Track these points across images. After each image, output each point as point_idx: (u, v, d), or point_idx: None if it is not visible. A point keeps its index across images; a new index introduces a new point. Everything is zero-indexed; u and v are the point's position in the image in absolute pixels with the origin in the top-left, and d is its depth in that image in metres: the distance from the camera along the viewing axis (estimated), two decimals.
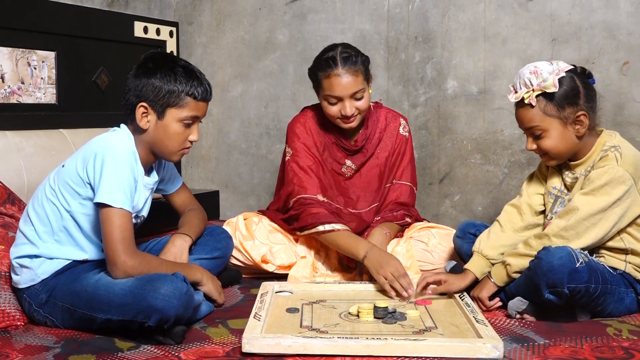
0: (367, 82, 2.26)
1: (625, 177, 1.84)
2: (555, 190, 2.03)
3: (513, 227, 2.05)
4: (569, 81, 1.89)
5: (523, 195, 2.09)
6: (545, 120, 1.89)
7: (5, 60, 2.49)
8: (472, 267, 2.02)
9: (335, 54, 2.23)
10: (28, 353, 1.61)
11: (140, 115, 1.85)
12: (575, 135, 1.91)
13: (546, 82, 1.87)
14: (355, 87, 2.21)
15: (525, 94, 1.90)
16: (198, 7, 3.51)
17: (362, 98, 2.24)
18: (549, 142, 1.91)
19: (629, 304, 1.89)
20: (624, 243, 1.90)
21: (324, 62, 2.24)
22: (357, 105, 2.24)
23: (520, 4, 2.91)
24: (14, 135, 2.41)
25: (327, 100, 2.25)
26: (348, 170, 2.41)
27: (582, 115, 1.89)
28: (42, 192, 1.88)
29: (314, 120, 2.40)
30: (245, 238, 2.33)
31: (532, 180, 2.11)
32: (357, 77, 2.21)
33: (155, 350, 1.63)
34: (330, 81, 2.21)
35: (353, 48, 2.28)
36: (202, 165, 3.60)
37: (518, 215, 2.06)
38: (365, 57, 2.28)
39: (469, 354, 1.57)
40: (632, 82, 2.76)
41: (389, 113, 2.46)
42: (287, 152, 2.40)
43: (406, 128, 2.47)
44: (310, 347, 1.58)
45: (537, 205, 2.06)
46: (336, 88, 2.20)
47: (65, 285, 1.78)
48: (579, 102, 1.89)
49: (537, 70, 1.89)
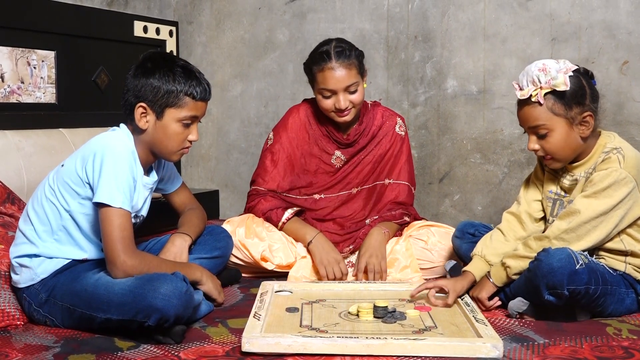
0: (361, 76, 2.30)
1: (628, 179, 1.82)
2: (552, 194, 2.00)
3: (515, 236, 2.02)
4: (576, 81, 1.84)
5: (521, 203, 2.05)
6: (552, 119, 1.85)
7: (5, 60, 2.49)
8: (472, 269, 1.99)
9: (329, 48, 2.27)
10: (28, 352, 1.61)
11: (139, 116, 1.85)
12: (580, 136, 1.88)
13: (556, 80, 1.82)
14: (349, 81, 2.25)
15: (533, 91, 1.85)
16: (198, 6, 3.51)
17: (356, 92, 2.28)
18: (554, 142, 1.87)
19: (629, 305, 1.89)
20: (624, 245, 1.89)
21: (318, 56, 2.28)
22: (351, 98, 2.27)
23: (520, 4, 2.91)
24: (14, 135, 2.41)
25: (321, 93, 2.29)
26: (337, 161, 2.44)
27: (588, 115, 1.85)
28: (41, 191, 1.88)
29: (308, 112, 2.46)
30: (245, 236, 2.33)
31: (528, 186, 2.07)
32: (351, 70, 2.25)
33: (155, 350, 1.63)
34: (324, 75, 2.25)
35: (347, 42, 2.32)
36: (202, 165, 3.60)
37: (519, 224, 2.04)
38: (360, 52, 2.32)
39: (469, 353, 1.57)
40: (631, 81, 2.76)
41: (385, 112, 2.48)
42: (269, 137, 2.48)
43: (402, 127, 2.48)
44: (310, 347, 1.58)
45: (536, 212, 2.04)
46: (330, 81, 2.24)
47: (65, 284, 1.78)
48: (585, 102, 1.86)
49: (545, 68, 1.84)
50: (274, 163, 2.44)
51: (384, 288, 2.12)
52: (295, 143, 2.44)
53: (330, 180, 2.46)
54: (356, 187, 2.47)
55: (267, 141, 2.49)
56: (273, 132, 2.49)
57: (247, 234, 2.33)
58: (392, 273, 2.30)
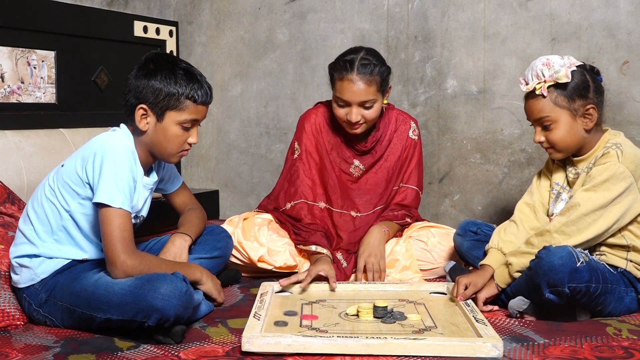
0: (382, 92, 2.24)
1: (625, 174, 1.86)
2: (557, 187, 2.05)
3: (530, 226, 2.05)
4: (579, 75, 1.93)
5: (534, 193, 2.10)
6: (555, 110, 1.93)
7: (5, 60, 2.49)
8: (490, 262, 2.00)
9: (355, 58, 2.21)
10: (28, 352, 1.61)
11: (139, 117, 1.85)
12: (583, 128, 1.94)
13: (559, 74, 1.90)
14: (366, 97, 2.19)
15: (537, 84, 1.93)
16: (198, 6, 3.51)
17: (371, 108, 2.23)
18: (558, 133, 1.94)
19: (629, 303, 1.90)
20: (625, 240, 1.92)
21: (342, 63, 2.22)
22: (364, 114, 2.23)
23: (519, 4, 2.91)
24: (14, 135, 2.41)
25: (336, 101, 2.25)
26: (356, 170, 2.41)
27: (591, 108, 1.92)
28: (41, 191, 1.88)
29: (325, 118, 2.41)
30: (244, 237, 2.32)
31: (540, 177, 2.12)
32: (370, 86, 2.19)
33: (155, 350, 1.63)
34: (342, 84, 2.20)
35: (376, 56, 2.25)
36: (202, 165, 3.60)
37: (532, 213, 2.07)
38: (386, 68, 2.25)
39: (469, 353, 1.57)
40: (631, 81, 2.76)
41: (399, 115, 2.44)
42: (295, 148, 2.41)
43: (416, 131, 2.44)
44: (310, 346, 1.58)
45: (548, 203, 2.07)
46: (346, 92, 2.19)
47: (64, 284, 1.78)
48: (588, 95, 1.93)
49: (549, 62, 1.92)
50: (309, 175, 2.38)
51: (384, 288, 2.12)
52: (321, 151, 2.39)
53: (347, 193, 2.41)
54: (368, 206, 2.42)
55: (294, 150, 2.42)
56: (297, 142, 2.41)
57: (246, 236, 2.32)
58: (391, 274, 2.29)
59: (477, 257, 2.12)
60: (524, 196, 2.12)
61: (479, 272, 2.00)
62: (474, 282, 1.95)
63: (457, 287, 1.95)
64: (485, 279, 1.97)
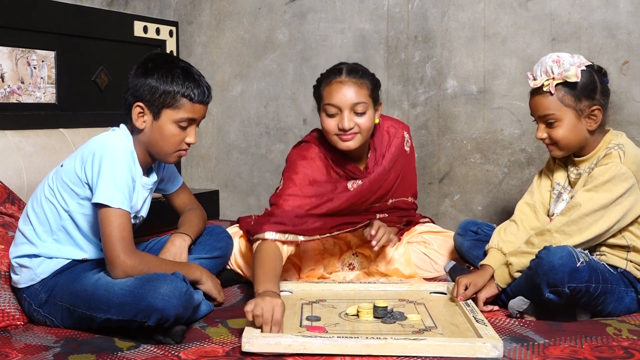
0: (373, 101, 2.11)
1: (627, 174, 1.86)
2: (559, 187, 2.05)
3: (530, 225, 2.05)
4: (588, 75, 1.92)
5: (535, 193, 2.09)
6: (561, 109, 1.92)
7: (5, 60, 2.49)
8: (490, 262, 2.00)
9: (343, 65, 2.13)
10: (28, 352, 1.61)
11: (136, 115, 1.85)
12: (586, 128, 1.94)
13: (568, 72, 1.89)
14: (357, 99, 2.07)
15: (545, 81, 1.92)
16: (198, 6, 3.51)
17: (364, 114, 2.08)
18: (561, 131, 1.94)
19: (628, 303, 1.90)
20: (626, 240, 1.92)
21: (329, 71, 2.14)
22: (357, 121, 2.08)
23: (520, 4, 2.91)
24: (14, 135, 2.41)
25: (325, 111, 2.10)
26: (354, 185, 2.24)
27: (597, 109, 1.92)
28: (41, 191, 1.88)
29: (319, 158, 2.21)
30: (242, 256, 2.27)
31: (541, 177, 2.12)
32: (361, 89, 2.08)
33: (155, 350, 1.63)
34: (331, 88, 2.09)
35: (364, 67, 2.16)
36: (202, 165, 3.60)
37: (533, 213, 2.07)
38: (375, 79, 2.15)
39: (469, 353, 1.57)
40: (631, 81, 2.76)
41: (390, 127, 2.31)
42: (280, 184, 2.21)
43: (409, 142, 2.35)
44: (310, 347, 1.58)
45: (549, 203, 2.08)
46: (336, 95, 2.07)
47: (64, 284, 1.78)
48: (595, 96, 1.92)
49: (559, 60, 1.92)
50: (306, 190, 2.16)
51: (384, 288, 2.12)
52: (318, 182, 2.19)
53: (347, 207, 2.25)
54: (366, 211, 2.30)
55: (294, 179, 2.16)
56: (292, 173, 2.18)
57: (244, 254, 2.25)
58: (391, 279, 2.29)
59: (477, 256, 2.12)
60: (524, 196, 2.12)
61: (479, 272, 2.00)
62: (474, 282, 1.95)
63: (457, 287, 1.95)
64: (485, 279, 1.97)
